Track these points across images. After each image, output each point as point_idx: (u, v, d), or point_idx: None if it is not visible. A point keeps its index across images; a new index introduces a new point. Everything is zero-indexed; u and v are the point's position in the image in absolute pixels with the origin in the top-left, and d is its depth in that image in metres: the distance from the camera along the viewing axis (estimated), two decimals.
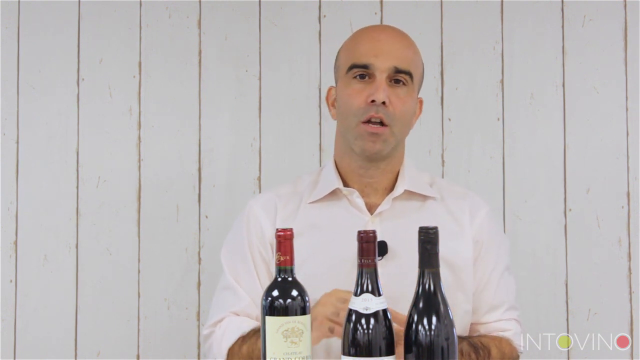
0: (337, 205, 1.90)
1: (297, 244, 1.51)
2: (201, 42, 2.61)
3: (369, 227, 1.86)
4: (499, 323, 1.91)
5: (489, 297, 1.91)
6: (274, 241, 1.79)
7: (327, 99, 1.98)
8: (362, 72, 1.86)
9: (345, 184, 1.91)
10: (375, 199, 1.91)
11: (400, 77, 1.86)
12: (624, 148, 2.58)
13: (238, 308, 1.88)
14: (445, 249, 1.81)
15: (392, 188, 1.91)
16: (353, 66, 1.87)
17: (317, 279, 1.77)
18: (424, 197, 1.92)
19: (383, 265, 1.80)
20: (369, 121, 1.83)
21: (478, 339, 1.84)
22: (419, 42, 2.59)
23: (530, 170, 2.59)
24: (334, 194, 1.91)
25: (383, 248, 1.83)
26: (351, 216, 1.87)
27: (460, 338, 1.78)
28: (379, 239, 1.82)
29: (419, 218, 1.85)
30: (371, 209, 1.89)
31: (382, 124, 1.83)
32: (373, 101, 1.82)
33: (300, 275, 1.47)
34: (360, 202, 1.89)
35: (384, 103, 1.82)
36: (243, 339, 1.81)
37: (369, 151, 1.85)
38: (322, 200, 1.91)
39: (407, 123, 1.89)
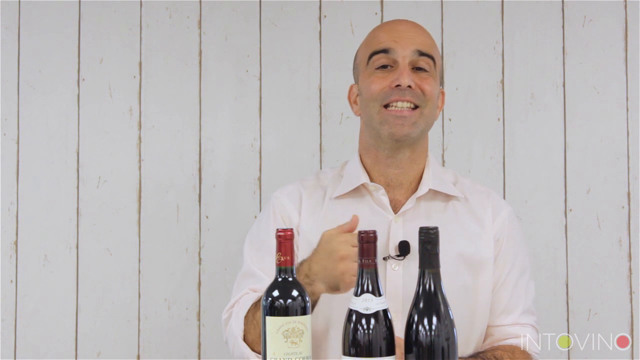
0: (362, 202, 1.88)
1: None
2: (201, 42, 2.61)
3: (393, 227, 1.84)
4: (514, 327, 1.87)
5: (505, 298, 1.88)
6: (301, 228, 1.79)
7: (348, 97, 1.96)
8: (384, 59, 1.83)
9: (370, 179, 1.89)
10: (400, 195, 1.88)
11: (422, 61, 1.83)
12: (624, 148, 2.58)
13: (258, 286, 1.83)
14: (466, 250, 1.82)
15: (416, 184, 1.89)
16: (373, 54, 1.84)
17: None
18: (448, 197, 1.90)
19: (405, 265, 1.80)
20: (389, 105, 1.81)
21: (492, 354, 1.80)
22: None
23: (530, 170, 2.59)
24: (357, 190, 1.88)
25: (405, 248, 1.81)
26: (375, 215, 1.85)
27: (473, 357, 1.76)
28: (401, 238, 1.81)
29: (442, 219, 1.83)
30: (395, 207, 1.87)
31: (413, 107, 1.80)
32: (398, 85, 1.79)
33: None
34: (385, 199, 1.86)
35: (410, 87, 1.79)
36: (256, 304, 1.77)
37: (397, 134, 1.81)
38: (346, 196, 1.88)
39: (435, 106, 1.86)
